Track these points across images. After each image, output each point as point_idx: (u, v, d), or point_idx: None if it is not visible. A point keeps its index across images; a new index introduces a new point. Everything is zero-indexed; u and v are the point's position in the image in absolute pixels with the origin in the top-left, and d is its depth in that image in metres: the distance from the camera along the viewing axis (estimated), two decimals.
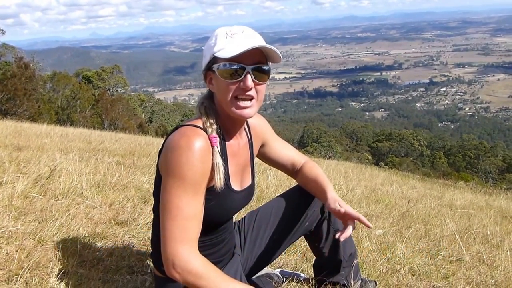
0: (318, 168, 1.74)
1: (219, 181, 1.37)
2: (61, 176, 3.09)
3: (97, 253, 2.02)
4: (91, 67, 46.83)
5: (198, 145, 1.31)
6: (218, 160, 1.37)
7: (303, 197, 1.75)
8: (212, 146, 1.36)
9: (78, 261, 1.90)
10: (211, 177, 1.37)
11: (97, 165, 3.87)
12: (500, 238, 3.39)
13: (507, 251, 2.87)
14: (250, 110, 1.37)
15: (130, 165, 4.30)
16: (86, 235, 2.20)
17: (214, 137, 1.36)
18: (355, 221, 1.60)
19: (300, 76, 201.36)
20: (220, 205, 1.44)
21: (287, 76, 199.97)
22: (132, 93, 46.24)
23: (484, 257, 2.74)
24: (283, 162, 1.77)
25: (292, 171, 1.78)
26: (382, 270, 2.22)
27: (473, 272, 2.42)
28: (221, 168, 1.37)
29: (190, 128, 1.36)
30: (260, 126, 1.67)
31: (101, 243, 2.14)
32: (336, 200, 1.61)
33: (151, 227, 1.57)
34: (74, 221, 2.33)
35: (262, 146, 1.71)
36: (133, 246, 2.17)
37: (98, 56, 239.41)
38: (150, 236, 1.60)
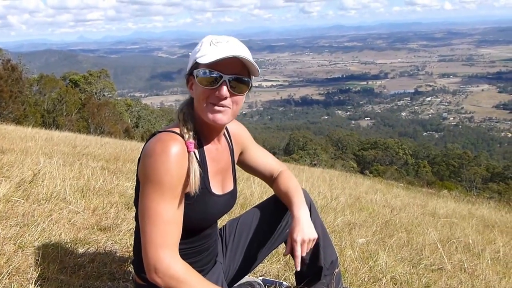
0: (291, 180, 1.72)
1: (194, 186, 1.37)
2: (44, 181, 3.05)
3: (79, 259, 1.99)
4: (78, 70, 46.31)
5: (174, 150, 1.32)
6: (195, 165, 1.37)
7: (283, 204, 1.74)
8: (189, 152, 1.36)
9: (59, 267, 1.88)
10: (189, 182, 1.37)
11: (81, 169, 3.83)
12: (481, 247, 3.45)
13: (488, 260, 2.92)
14: (223, 116, 1.38)
15: (115, 170, 4.27)
16: (68, 240, 2.17)
17: (191, 143, 1.37)
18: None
19: (287, 84, 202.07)
20: (202, 209, 1.45)
21: (274, 83, 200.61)
22: (119, 98, 45.80)
23: (466, 266, 2.78)
24: (262, 169, 1.78)
25: (270, 179, 1.79)
26: (364, 278, 2.24)
27: (454, 281, 2.46)
28: (197, 174, 1.37)
29: (166, 133, 1.37)
30: (239, 133, 1.69)
31: (83, 249, 2.12)
32: (295, 226, 1.59)
33: (133, 234, 1.56)
34: (56, 226, 2.30)
35: (242, 153, 1.72)
36: (115, 252, 2.15)
37: (85, 59, 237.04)
38: (133, 243, 1.59)
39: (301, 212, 1.61)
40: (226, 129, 1.62)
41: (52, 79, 31.29)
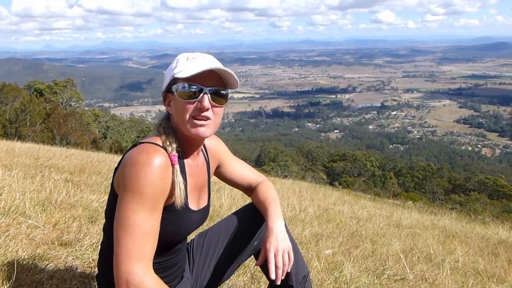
0: (270, 190, 1.73)
1: (179, 199, 1.36)
2: (2, 194, 2.94)
3: (37, 276, 1.91)
4: (43, 79, 45.05)
5: (157, 161, 1.30)
6: (179, 178, 1.37)
7: (253, 216, 1.74)
8: (173, 165, 1.36)
9: (14, 285, 1.80)
10: (170, 194, 1.36)
11: (43, 182, 3.71)
12: (442, 257, 3.55)
13: (447, 270, 3.01)
14: (206, 129, 1.39)
15: (79, 183, 4.15)
16: (26, 257, 2.09)
17: (174, 156, 1.37)
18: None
19: (258, 96, 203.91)
20: (177, 224, 1.43)
21: (246, 95, 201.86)
22: (86, 108, 44.70)
23: (427, 276, 2.86)
24: (239, 181, 1.79)
25: (248, 189, 1.80)
26: None
27: None
28: (182, 186, 1.37)
29: (150, 145, 1.36)
30: (216, 147, 1.70)
31: (42, 265, 2.04)
32: (268, 236, 1.57)
33: (98, 248, 1.52)
34: (13, 242, 2.20)
35: (219, 166, 1.73)
36: (76, 268, 2.09)
37: (51, 68, 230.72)
38: (98, 257, 1.55)
39: (276, 223, 1.60)
40: (204, 143, 1.61)
41: (14, 88, 30.29)
